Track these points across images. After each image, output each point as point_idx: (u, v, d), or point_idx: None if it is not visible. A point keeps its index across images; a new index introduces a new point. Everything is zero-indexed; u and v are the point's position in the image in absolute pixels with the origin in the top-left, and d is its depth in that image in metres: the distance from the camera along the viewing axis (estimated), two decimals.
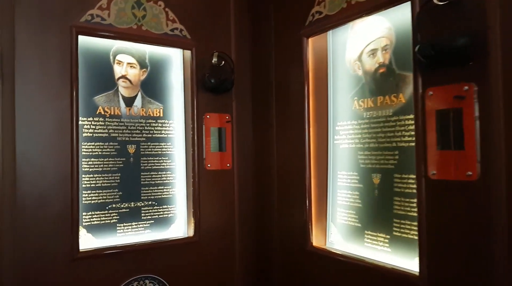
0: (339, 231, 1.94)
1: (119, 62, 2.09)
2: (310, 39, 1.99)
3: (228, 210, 2.26)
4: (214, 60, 2.16)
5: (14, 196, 1.74)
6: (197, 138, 2.16)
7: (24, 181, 1.76)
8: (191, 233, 2.16)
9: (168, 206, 2.20)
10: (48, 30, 1.82)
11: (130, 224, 2.08)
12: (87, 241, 1.95)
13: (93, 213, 1.99)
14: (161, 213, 2.17)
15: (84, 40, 1.94)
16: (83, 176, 1.96)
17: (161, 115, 2.20)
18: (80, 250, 1.86)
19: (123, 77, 2.10)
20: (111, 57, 2.07)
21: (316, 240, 1.96)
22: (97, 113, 2.02)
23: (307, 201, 1.96)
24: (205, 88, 2.17)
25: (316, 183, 1.97)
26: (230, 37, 2.29)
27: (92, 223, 1.98)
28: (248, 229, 2.33)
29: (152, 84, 2.18)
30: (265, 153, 2.27)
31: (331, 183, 1.99)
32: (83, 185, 1.96)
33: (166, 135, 2.21)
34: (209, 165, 2.19)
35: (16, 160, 1.75)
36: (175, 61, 2.24)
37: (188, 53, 2.20)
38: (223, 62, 2.19)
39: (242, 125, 2.33)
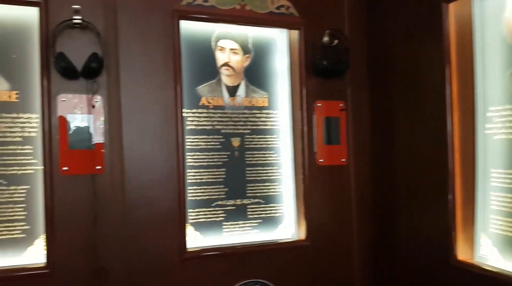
0: (493, 243, 1.52)
1: (222, 48, 1.94)
2: (450, 5, 1.58)
3: (343, 212, 1.98)
4: (325, 39, 1.88)
5: (123, 191, 1.70)
6: (307, 129, 1.91)
7: (131, 176, 1.72)
8: (302, 235, 1.94)
9: (276, 205, 2.00)
10: (150, 16, 1.74)
11: (236, 222, 1.93)
12: (195, 239, 1.85)
13: (199, 210, 1.88)
14: (269, 212, 1.99)
15: (185, 26, 1.82)
16: (188, 171, 1.85)
17: (266, 104, 2.00)
18: (188, 249, 1.76)
19: (226, 64, 1.94)
20: (213, 43, 1.93)
21: (461, 253, 1.57)
22: (201, 104, 1.90)
23: (450, 205, 1.57)
24: (316, 72, 1.91)
25: (461, 183, 1.58)
26: (343, 12, 1.98)
27: (199, 220, 1.88)
28: (367, 233, 2.02)
29: (256, 71, 1.99)
30: (387, 146, 1.92)
31: (481, 183, 1.57)
32: (188, 181, 1.86)
33: (271, 127, 2.00)
34: (321, 160, 1.94)
35: (123, 154, 1.70)
36: (280, 44, 2.02)
37: (295, 33, 1.95)
38: (336, 41, 1.90)
39: (358, 114, 2.01)
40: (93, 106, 1.67)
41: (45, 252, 1.64)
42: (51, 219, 1.63)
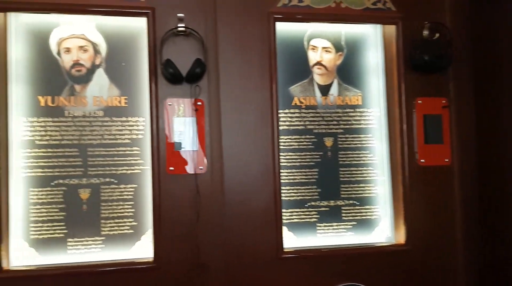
0: None
1: (314, 48, 1.92)
2: None
3: (447, 215, 1.86)
4: (426, 32, 1.79)
5: (223, 190, 1.75)
6: (406, 128, 1.83)
7: (230, 175, 1.77)
8: (400, 239, 1.86)
9: (371, 207, 1.94)
10: (247, 20, 1.78)
11: (330, 224, 1.90)
12: (289, 239, 1.85)
13: (293, 210, 1.88)
14: (364, 214, 1.93)
15: (278, 27, 1.84)
16: (281, 171, 1.86)
17: (360, 103, 1.95)
18: (284, 249, 1.77)
19: (318, 63, 1.92)
20: (305, 43, 1.92)
21: None
22: (293, 104, 1.90)
23: None
24: (415, 67, 1.82)
25: None
26: (443, 3, 1.87)
27: (292, 221, 1.88)
28: (474, 239, 1.88)
29: (348, 69, 1.95)
30: (494, 146, 1.78)
31: None
32: (282, 181, 1.86)
33: (366, 126, 1.94)
34: (422, 160, 1.84)
35: (223, 155, 1.76)
36: (373, 39, 1.96)
37: (389, 28, 1.89)
38: (437, 34, 1.80)
39: (462, 111, 1.88)
40: (196, 109, 1.75)
41: (153, 247, 1.75)
42: (158, 216, 1.73)
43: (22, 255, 1.74)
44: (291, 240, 1.86)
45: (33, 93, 1.76)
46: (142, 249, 1.81)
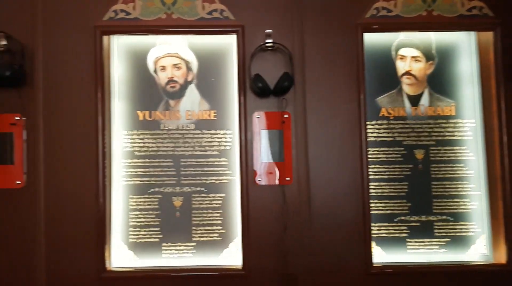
0: None
1: (402, 57, 1.87)
2: None
3: None
4: None
5: (309, 202, 1.76)
6: (507, 139, 1.71)
7: (316, 187, 1.77)
8: (500, 258, 1.73)
9: (467, 223, 1.83)
10: (334, 33, 1.79)
11: (421, 240, 1.82)
12: (377, 254, 1.81)
13: (381, 224, 1.83)
14: (458, 230, 1.82)
15: (365, 37, 1.82)
16: (369, 184, 1.83)
17: (453, 113, 1.85)
18: (373, 265, 1.73)
19: (407, 73, 1.87)
20: (393, 53, 1.88)
21: None
22: (381, 115, 1.86)
23: None
24: None
25: None
26: None
27: (381, 235, 1.83)
28: None
29: (440, 78, 1.87)
30: None
31: None
32: (370, 194, 1.83)
33: (460, 137, 1.85)
34: None
35: (309, 166, 1.77)
36: (466, 47, 1.86)
37: (485, 35, 1.79)
38: None
39: None
40: (283, 122, 1.79)
41: (242, 255, 1.80)
42: (247, 225, 1.78)
43: (122, 257, 1.89)
44: (380, 255, 1.81)
45: (132, 108, 1.92)
46: (230, 256, 1.87)
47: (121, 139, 1.91)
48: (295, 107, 1.80)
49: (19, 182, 1.81)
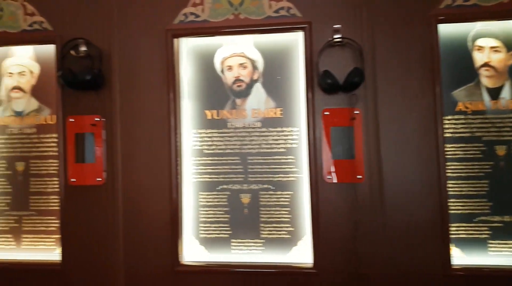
0: None
1: (480, 48, 1.77)
2: None
3: None
4: None
5: (382, 200, 1.72)
6: None
7: (390, 185, 1.72)
8: None
9: None
10: (406, 26, 1.72)
11: (505, 242, 1.71)
12: (456, 256, 1.73)
13: (459, 224, 1.74)
14: None
15: (440, 28, 1.73)
16: (446, 182, 1.74)
17: None
18: (452, 266, 1.65)
19: (486, 64, 1.76)
20: (469, 43, 1.78)
21: None
22: (457, 110, 1.77)
23: None
24: None
25: None
26: None
27: (459, 236, 1.74)
28: None
29: None
30: None
31: None
32: (447, 192, 1.74)
33: None
34: None
35: (382, 164, 1.72)
36: None
37: None
38: None
39: None
40: (353, 118, 1.75)
41: (312, 253, 1.80)
42: (317, 223, 1.77)
43: (193, 252, 1.96)
44: (458, 257, 1.73)
45: (201, 108, 1.97)
46: (299, 254, 1.87)
47: (190, 138, 1.98)
48: (366, 103, 1.76)
49: (100, 179, 1.93)
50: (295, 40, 1.90)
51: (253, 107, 1.94)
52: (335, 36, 1.74)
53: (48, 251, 2.05)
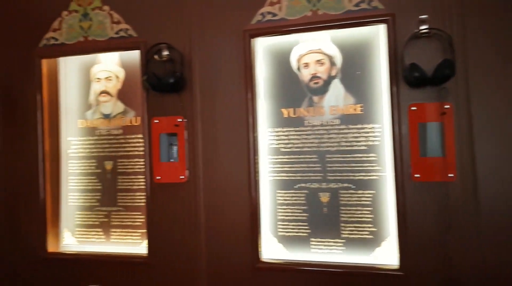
0: None
1: None
2: None
3: None
4: None
5: (477, 201, 1.61)
6: None
7: (485, 183, 1.61)
8: None
9: None
10: (500, 9, 1.59)
11: None
12: None
13: None
14: None
15: None
16: None
17: None
18: None
19: None
20: None
21: None
22: None
23: None
24: None
25: None
26: None
27: None
28: None
29: None
30: None
31: None
32: None
33: None
34: None
35: (476, 162, 1.61)
36: None
37: None
38: None
39: None
40: (443, 113, 1.65)
41: (398, 254, 1.73)
42: (404, 224, 1.70)
43: (272, 250, 1.97)
44: None
45: (277, 106, 1.98)
46: (383, 255, 1.81)
47: (266, 136, 1.99)
48: (457, 96, 1.65)
49: (183, 176, 2.01)
50: (376, 33, 1.83)
51: (331, 104, 1.91)
52: (422, 27, 1.65)
53: (135, 245, 2.18)
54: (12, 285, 2.26)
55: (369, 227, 1.84)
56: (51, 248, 2.23)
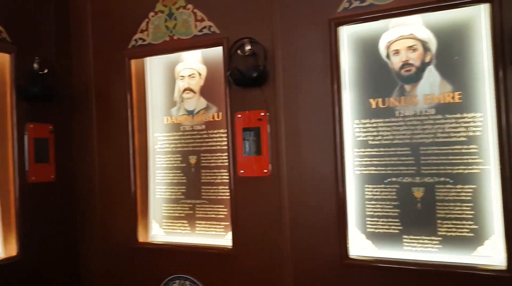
0: None
1: None
2: None
3: None
4: None
5: None
6: None
7: None
8: None
9: None
10: None
11: None
12: None
13: None
14: None
15: None
16: None
17: None
18: None
19: None
20: None
21: None
22: None
23: None
24: None
25: None
26: None
27: None
28: None
29: None
30: None
31: None
32: None
33: None
34: None
35: None
36: None
37: None
38: None
39: None
40: None
41: (506, 255, 1.58)
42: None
43: (360, 246, 1.90)
44: None
45: (364, 97, 1.90)
46: (486, 255, 1.66)
47: (352, 129, 1.92)
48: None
49: (266, 170, 2.01)
50: (477, 14, 1.68)
51: (425, 92, 1.79)
52: None
53: (219, 237, 2.23)
54: (106, 272, 2.43)
55: (469, 225, 1.70)
56: (141, 238, 2.35)
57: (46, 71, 2.25)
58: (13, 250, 2.15)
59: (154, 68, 2.41)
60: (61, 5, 2.46)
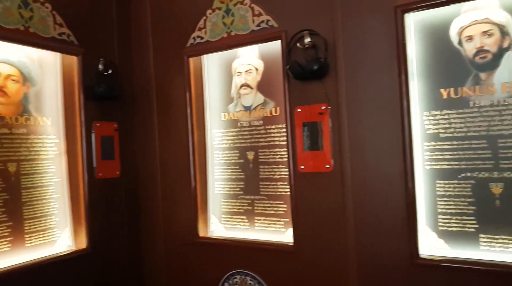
0: None
1: None
2: None
3: None
4: None
5: None
6: None
7: None
8: None
9: None
10: None
11: None
12: None
13: None
14: None
15: None
16: None
17: None
18: None
19: None
20: None
21: None
22: None
23: None
24: None
25: None
26: None
27: None
28: None
29: None
30: None
31: None
32: None
33: None
34: None
35: None
36: None
37: None
38: None
39: None
40: None
41: None
42: None
43: (431, 245, 1.80)
44: None
45: (434, 87, 1.79)
46: None
47: (421, 121, 1.81)
48: None
49: (328, 166, 1.96)
50: None
51: (503, 80, 1.65)
52: None
53: (279, 233, 2.21)
54: (168, 266, 2.50)
55: None
56: (201, 233, 2.39)
57: (110, 71, 2.34)
58: (83, 243, 2.27)
59: (211, 65, 2.43)
60: (123, 9, 2.55)
